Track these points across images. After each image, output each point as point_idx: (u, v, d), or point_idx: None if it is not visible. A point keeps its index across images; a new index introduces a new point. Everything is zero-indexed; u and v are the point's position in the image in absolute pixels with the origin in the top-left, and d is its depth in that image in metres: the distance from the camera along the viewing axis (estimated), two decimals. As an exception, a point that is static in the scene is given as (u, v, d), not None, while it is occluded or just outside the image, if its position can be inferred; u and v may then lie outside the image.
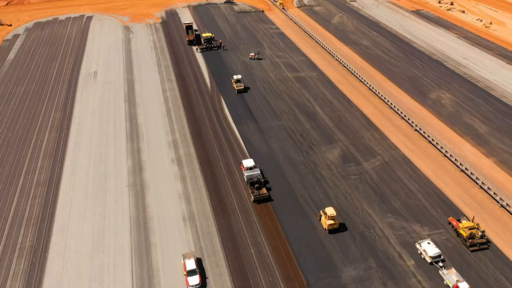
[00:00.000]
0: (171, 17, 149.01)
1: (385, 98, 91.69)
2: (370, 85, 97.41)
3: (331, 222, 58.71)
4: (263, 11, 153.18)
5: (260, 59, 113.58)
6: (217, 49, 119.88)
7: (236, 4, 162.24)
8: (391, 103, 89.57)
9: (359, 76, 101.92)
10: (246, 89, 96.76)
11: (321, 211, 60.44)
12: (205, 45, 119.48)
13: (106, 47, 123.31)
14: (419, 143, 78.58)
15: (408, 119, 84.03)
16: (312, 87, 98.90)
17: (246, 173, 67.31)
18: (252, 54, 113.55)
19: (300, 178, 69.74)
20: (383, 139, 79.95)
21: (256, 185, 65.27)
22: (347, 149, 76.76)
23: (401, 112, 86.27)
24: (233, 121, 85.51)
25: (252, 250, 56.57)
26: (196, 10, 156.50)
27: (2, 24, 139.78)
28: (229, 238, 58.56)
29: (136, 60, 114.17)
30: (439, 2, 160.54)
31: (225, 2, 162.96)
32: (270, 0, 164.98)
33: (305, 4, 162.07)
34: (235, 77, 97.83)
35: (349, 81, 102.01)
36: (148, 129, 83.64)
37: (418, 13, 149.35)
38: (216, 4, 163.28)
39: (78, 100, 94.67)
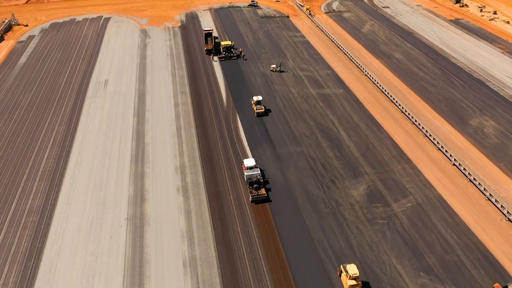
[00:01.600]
0: (191, 20, 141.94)
1: (419, 124, 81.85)
2: (402, 107, 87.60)
3: (353, 283, 50.22)
4: (288, 17, 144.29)
5: (282, 71, 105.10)
6: (236, 59, 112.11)
7: (260, 8, 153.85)
8: (426, 130, 79.76)
9: (390, 95, 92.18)
10: (266, 112, 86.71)
11: (341, 267, 51.98)
12: (224, 54, 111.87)
13: (121, 52, 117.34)
14: (457, 181, 68.77)
15: (446, 151, 74.15)
16: (337, 107, 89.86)
17: (246, 173, 66.65)
18: (274, 66, 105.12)
19: (319, 220, 61.32)
20: (416, 174, 70.47)
21: (255, 185, 64.50)
22: (375, 185, 67.75)
23: (438, 142, 76.39)
24: (248, 145, 77.57)
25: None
26: (217, 13, 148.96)
27: (19, 24, 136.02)
28: (233, 294, 51.07)
29: (150, 69, 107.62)
30: (481, 10, 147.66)
31: (248, 5, 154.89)
32: (297, 5, 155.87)
33: (334, 10, 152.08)
34: (255, 98, 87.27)
35: (378, 100, 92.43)
36: (155, 150, 76.77)
37: (457, 23, 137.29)
38: (240, 7, 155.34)
39: (84, 112, 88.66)
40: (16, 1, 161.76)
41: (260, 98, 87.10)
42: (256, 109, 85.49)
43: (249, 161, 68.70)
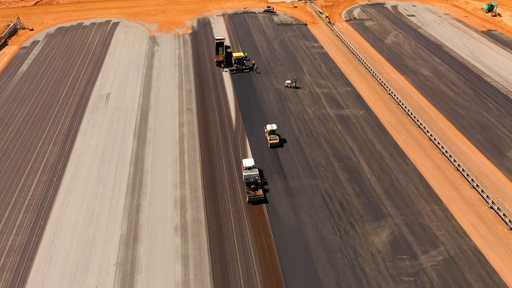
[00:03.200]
0: (203, 27, 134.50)
1: (450, 155, 72.74)
2: (430, 134, 78.54)
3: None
4: (306, 24, 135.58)
5: (298, 87, 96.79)
6: (248, 71, 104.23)
7: (277, 14, 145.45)
8: (458, 164, 70.64)
9: (417, 119, 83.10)
10: (281, 143, 76.80)
11: None
12: (236, 67, 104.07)
13: (127, 61, 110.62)
14: (496, 230, 59.64)
15: (482, 191, 65.04)
16: (357, 131, 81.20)
17: (244, 173, 65.90)
18: (289, 81, 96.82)
19: (334, 273, 53.12)
20: (448, 218, 61.55)
21: (252, 186, 63.71)
22: (399, 231, 59.14)
23: (472, 180, 67.29)
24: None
25: None
26: (231, 19, 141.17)
27: (24, 28, 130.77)
28: None
29: (156, 81, 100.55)
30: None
31: (264, 11, 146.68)
32: (316, 11, 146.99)
33: (355, 18, 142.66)
34: (268, 127, 76.51)
35: (404, 124, 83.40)
36: (154, 178, 69.52)
37: (489, 35, 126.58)
38: (255, 13, 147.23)
39: (82, 130, 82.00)
40: (25, 2, 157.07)
41: (274, 127, 76.73)
42: (270, 140, 75.78)
43: (248, 161, 67.75)
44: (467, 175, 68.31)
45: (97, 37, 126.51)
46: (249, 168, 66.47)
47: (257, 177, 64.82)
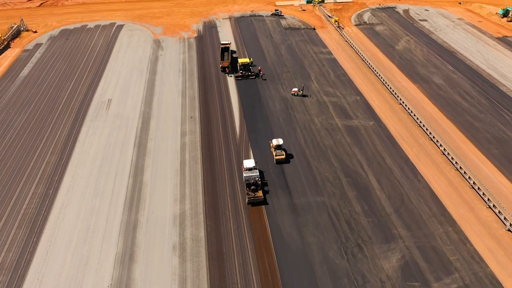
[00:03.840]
0: (209, 31, 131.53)
1: (464, 172, 68.96)
2: (443, 148, 74.76)
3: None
4: (314, 29, 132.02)
5: (305, 95, 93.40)
6: (254, 78, 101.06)
7: (284, 18, 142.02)
8: (474, 182, 66.84)
9: (429, 132, 79.33)
10: (288, 159, 72.93)
11: None
12: (241, 73, 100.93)
13: (129, 66, 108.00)
14: (515, 255, 56.07)
15: (499, 212, 61.20)
16: (366, 144, 77.63)
17: (244, 174, 65.48)
18: (295, 89, 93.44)
19: (341, 302, 49.99)
20: (462, 241, 57.86)
21: (252, 187, 63.31)
22: (411, 255, 55.58)
23: (488, 199, 63.47)
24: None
25: None
26: (238, 23, 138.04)
27: (28, 30, 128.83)
28: None
29: (159, 87, 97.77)
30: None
31: (272, 14, 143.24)
32: (324, 15, 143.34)
33: (365, 22, 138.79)
34: (274, 141, 73.07)
35: (415, 137, 79.65)
36: (154, 192, 66.62)
37: (505, 41, 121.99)
38: (262, 16, 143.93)
39: (81, 139, 79.43)
40: (30, 3, 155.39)
41: (280, 141, 72.95)
42: (276, 155, 71.96)
43: (249, 162, 67.24)
44: (483, 194, 64.49)
45: (100, 40, 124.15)
46: (249, 169, 66.06)
47: (257, 178, 64.48)
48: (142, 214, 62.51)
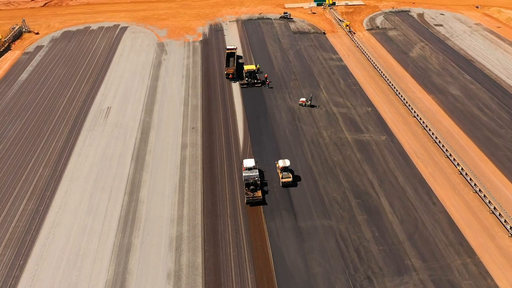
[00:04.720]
0: (215, 34, 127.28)
1: (484, 195, 63.93)
2: (461, 168, 69.69)
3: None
4: (324, 33, 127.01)
5: (313, 106, 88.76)
6: (260, 86, 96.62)
7: (293, 21, 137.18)
8: (494, 207, 61.79)
9: (446, 149, 74.28)
10: (295, 182, 66.85)
11: None
12: (247, 81, 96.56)
13: (131, 71, 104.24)
14: (541, 293, 51.05)
15: (523, 243, 56.29)
16: (378, 161, 72.79)
17: (244, 173, 65.06)
18: (303, 99, 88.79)
19: None
20: (482, 275, 52.94)
21: (251, 187, 62.79)
22: (426, 291, 51.05)
23: (511, 228, 58.40)
24: (263, 212, 62.21)
25: None
26: (245, 26, 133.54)
27: (29, 31, 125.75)
28: None
29: (161, 94, 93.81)
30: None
31: (280, 17, 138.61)
32: (335, 19, 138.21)
33: (378, 27, 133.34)
34: (281, 163, 67.16)
35: (430, 154, 74.62)
36: (150, 211, 62.62)
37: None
38: (270, 19, 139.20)
39: (77, 150, 75.77)
40: (34, 3, 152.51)
41: (287, 163, 67.19)
42: (282, 178, 66.31)
43: (249, 162, 66.45)
44: (505, 221, 59.40)
45: (103, 43, 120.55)
46: (249, 169, 65.27)
47: (256, 178, 63.80)
48: (136, 235, 58.54)
